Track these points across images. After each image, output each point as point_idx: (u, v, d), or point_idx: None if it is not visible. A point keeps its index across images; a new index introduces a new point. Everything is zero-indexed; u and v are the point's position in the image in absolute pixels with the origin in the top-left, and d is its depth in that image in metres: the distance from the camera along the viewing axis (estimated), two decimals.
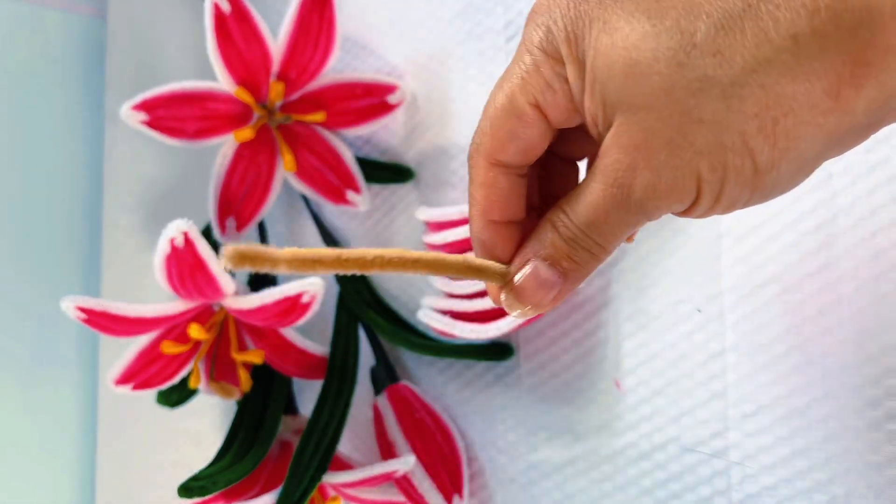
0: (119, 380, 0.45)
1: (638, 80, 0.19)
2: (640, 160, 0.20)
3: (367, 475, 0.41)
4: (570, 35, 0.21)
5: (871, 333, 0.32)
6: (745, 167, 0.19)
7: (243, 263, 0.20)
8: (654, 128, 0.20)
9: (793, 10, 0.18)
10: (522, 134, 0.23)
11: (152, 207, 0.65)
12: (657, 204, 0.20)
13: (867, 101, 0.18)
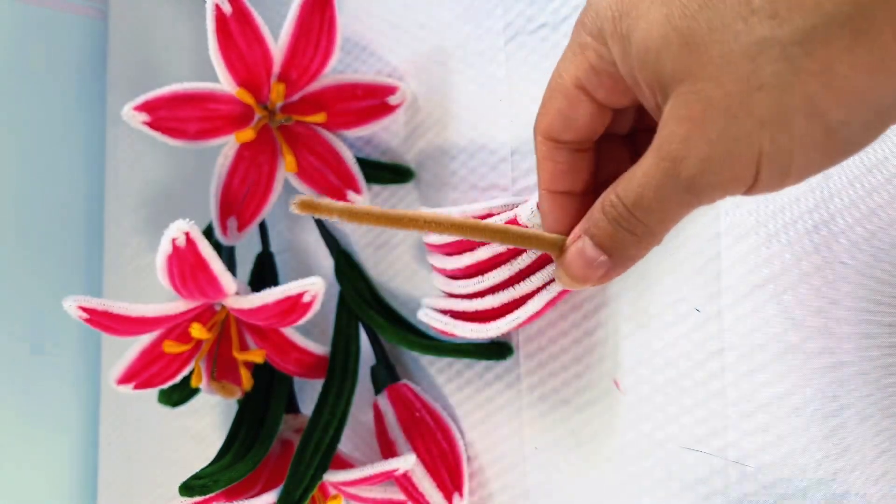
0: (121, 379, 0.46)
1: (694, 49, 0.19)
2: (695, 132, 0.19)
3: (367, 474, 0.41)
4: (615, 14, 0.20)
5: (869, 333, 0.32)
6: (814, 130, 0.18)
7: (307, 210, 0.22)
8: (711, 97, 0.19)
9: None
10: (570, 113, 0.23)
11: (154, 207, 0.66)
12: (710, 180, 0.19)
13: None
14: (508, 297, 0.38)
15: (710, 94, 0.19)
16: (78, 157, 0.70)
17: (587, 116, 0.23)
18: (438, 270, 0.42)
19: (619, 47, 0.21)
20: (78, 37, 0.71)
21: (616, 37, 0.21)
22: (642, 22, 0.20)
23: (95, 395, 0.69)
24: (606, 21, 0.21)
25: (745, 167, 0.19)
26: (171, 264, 0.39)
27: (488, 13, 0.44)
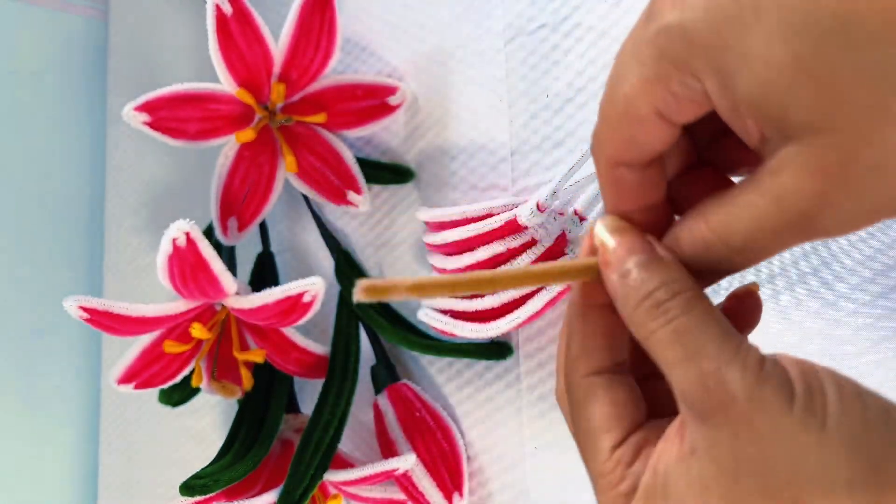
0: (121, 379, 0.46)
1: (836, 98, 0.17)
2: (833, 188, 0.17)
3: (367, 473, 0.41)
4: (710, 46, 0.18)
5: (868, 332, 0.32)
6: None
7: (373, 295, 0.20)
8: (854, 151, 0.17)
9: None
10: (643, 139, 0.21)
11: (154, 208, 0.66)
12: (845, 231, 0.18)
13: None
14: (508, 297, 0.38)
15: (852, 147, 0.17)
16: (78, 158, 0.70)
17: (663, 138, 0.21)
18: (438, 270, 0.42)
19: (717, 83, 0.18)
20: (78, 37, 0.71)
21: (712, 72, 0.18)
22: (755, 62, 0.17)
23: (95, 395, 0.69)
24: (698, 54, 0.18)
25: (877, 217, 0.18)
26: (171, 264, 0.39)
27: (488, 13, 0.44)
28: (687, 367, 0.19)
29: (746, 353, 0.19)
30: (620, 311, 0.21)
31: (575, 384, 0.23)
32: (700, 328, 0.19)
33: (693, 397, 0.19)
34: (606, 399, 0.22)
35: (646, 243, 0.22)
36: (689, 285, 0.20)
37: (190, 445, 0.61)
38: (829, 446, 0.17)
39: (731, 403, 0.18)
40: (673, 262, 0.21)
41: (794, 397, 0.18)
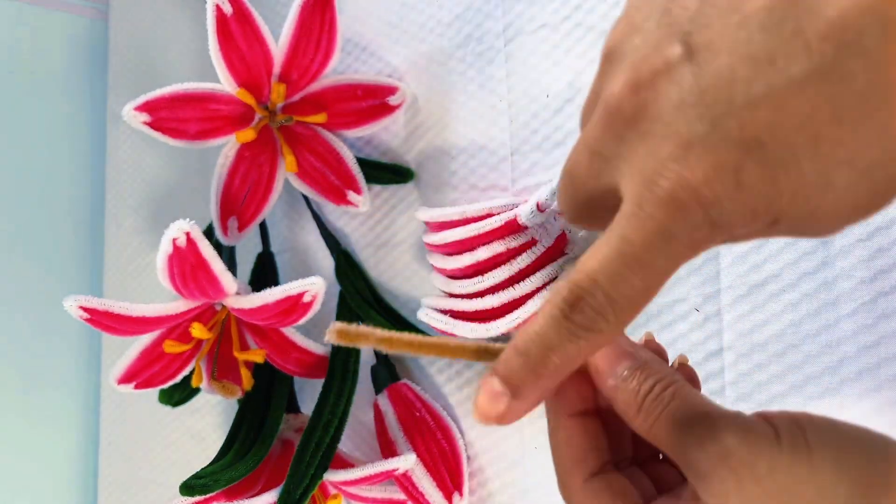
0: (121, 379, 0.46)
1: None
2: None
3: (367, 473, 0.41)
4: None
5: (869, 331, 0.32)
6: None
7: (343, 340, 0.22)
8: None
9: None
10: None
11: (154, 208, 0.66)
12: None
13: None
14: (508, 297, 0.38)
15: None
16: (79, 158, 0.70)
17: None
18: (438, 270, 0.42)
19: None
20: (78, 37, 0.71)
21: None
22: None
23: (96, 395, 0.69)
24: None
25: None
26: (171, 264, 0.39)
27: (488, 14, 0.44)
28: (687, 437, 0.21)
29: (734, 415, 0.21)
30: (621, 411, 0.23)
31: (577, 493, 0.24)
32: (691, 406, 0.22)
33: (696, 461, 0.21)
34: (610, 497, 0.24)
35: (625, 348, 0.23)
36: (673, 377, 0.23)
37: (190, 445, 0.61)
38: (819, 472, 0.19)
39: (730, 455, 0.20)
40: (654, 360, 0.23)
41: (780, 437, 0.20)
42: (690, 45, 0.17)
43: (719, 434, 0.20)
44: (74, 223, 0.70)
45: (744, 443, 0.20)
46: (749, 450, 0.20)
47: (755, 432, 0.20)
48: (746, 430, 0.20)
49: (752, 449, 0.20)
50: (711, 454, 0.20)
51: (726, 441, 0.20)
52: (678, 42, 0.18)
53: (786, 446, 0.20)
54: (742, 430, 0.20)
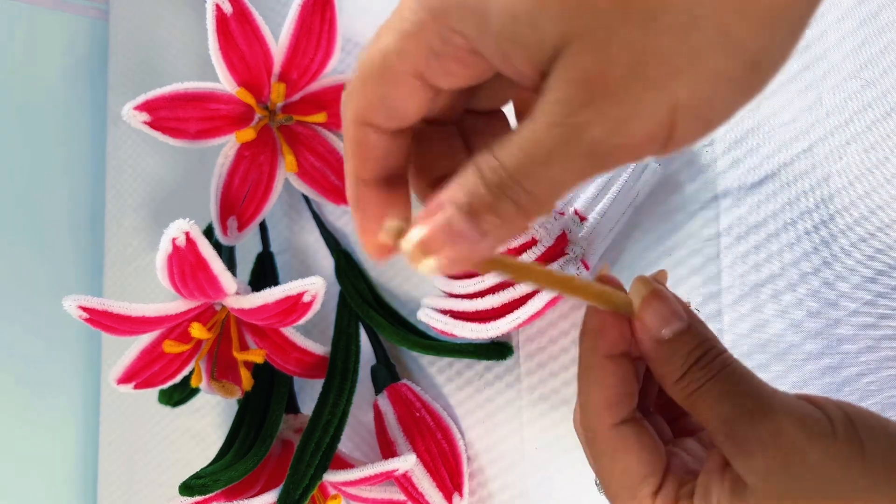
0: (121, 379, 0.46)
1: (582, 4, 0.16)
2: (597, 93, 0.16)
3: (367, 474, 0.41)
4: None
5: (869, 332, 0.32)
6: (733, 66, 0.16)
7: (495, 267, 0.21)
8: (611, 54, 0.16)
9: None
10: (397, 100, 0.20)
11: (154, 207, 0.66)
12: (618, 143, 0.17)
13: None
14: (508, 297, 0.38)
15: (608, 50, 0.16)
16: (78, 157, 0.70)
17: (418, 103, 0.20)
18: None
19: (473, 22, 0.17)
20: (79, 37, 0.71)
21: (467, 11, 0.17)
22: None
23: (95, 395, 0.69)
24: (453, 0, 0.18)
25: (660, 124, 0.17)
26: (171, 264, 0.39)
27: None
28: (734, 410, 0.20)
29: (787, 396, 0.21)
30: (658, 371, 0.22)
31: (602, 435, 0.24)
32: (741, 379, 0.21)
33: (742, 435, 0.20)
34: (639, 447, 0.23)
35: (677, 308, 0.23)
36: (721, 346, 0.22)
37: (190, 445, 0.61)
38: (872, 470, 0.19)
39: (783, 435, 0.20)
40: (702, 326, 0.22)
41: (835, 428, 0.20)
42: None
43: (773, 413, 0.20)
44: (74, 223, 0.70)
45: (800, 427, 0.20)
46: (804, 434, 0.19)
47: (812, 417, 0.20)
48: (803, 414, 0.20)
49: (807, 434, 0.19)
50: (762, 431, 0.20)
51: (781, 421, 0.20)
52: None
53: (841, 439, 0.19)
54: (798, 414, 0.20)
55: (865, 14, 0.32)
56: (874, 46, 0.32)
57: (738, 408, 0.20)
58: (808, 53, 0.34)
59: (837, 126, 0.33)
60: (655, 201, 0.38)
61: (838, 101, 0.33)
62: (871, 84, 0.32)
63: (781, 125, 0.34)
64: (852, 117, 0.32)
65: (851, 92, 0.32)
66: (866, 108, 0.32)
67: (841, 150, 0.33)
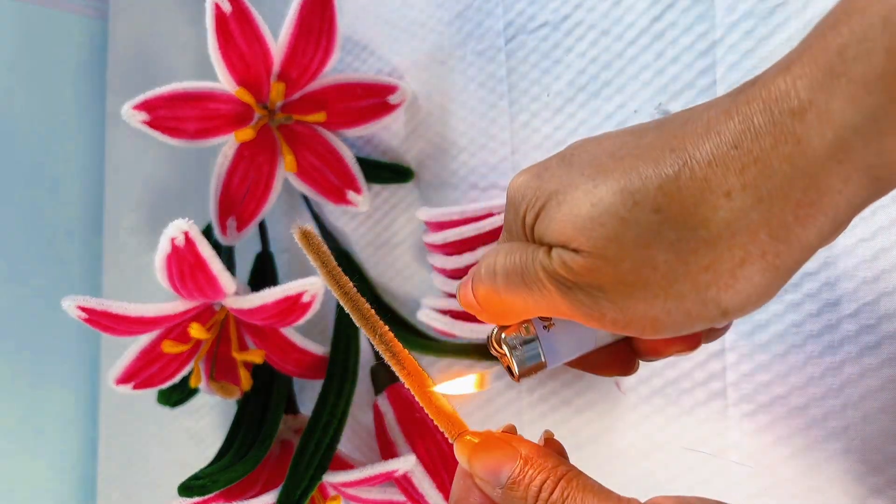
0: (120, 379, 0.46)
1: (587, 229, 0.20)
2: (603, 295, 0.21)
3: (367, 474, 0.41)
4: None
5: (871, 332, 0.32)
6: (709, 312, 0.20)
7: (304, 241, 0.23)
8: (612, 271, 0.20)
9: (723, 166, 0.19)
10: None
11: (153, 207, 0.66)
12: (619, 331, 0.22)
13: (819, 232, 0.19)
14: None
15: (611, 268, 0.21)
16: (77, 156, 0.70)
17: None
18: (438, 270, 0.42)
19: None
20: (78, 37, 0.71)
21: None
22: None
23: (95, 395, 0.69)
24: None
25: (647, 329, 0.21)
26: (170, 264, 0.39)
27: (488, 12, 0.44)
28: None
29: (628, 501, 0.22)
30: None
31: None
32: (584, 499, 0.22)
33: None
34: None
35: (506, 452, 0.24)
36: (560, 469, 0.23)
37: (189, 446, 0.60)
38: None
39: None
40: (533, 454, 0.23)
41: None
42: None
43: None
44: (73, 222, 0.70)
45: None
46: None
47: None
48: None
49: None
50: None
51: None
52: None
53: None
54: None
55: None
56: None
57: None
58: None
59: None
60: None
61: None
62: None
63: None
64: None
65: None
66: None
67: None
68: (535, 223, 0.22)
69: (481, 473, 0.23)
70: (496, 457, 0.23)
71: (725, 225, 0.19)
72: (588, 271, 0.21)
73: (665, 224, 0.20)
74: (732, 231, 0.19)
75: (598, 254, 0.20)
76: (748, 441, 0.34)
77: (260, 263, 0.52)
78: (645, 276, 0.20)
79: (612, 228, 0.20)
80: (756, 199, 0.19)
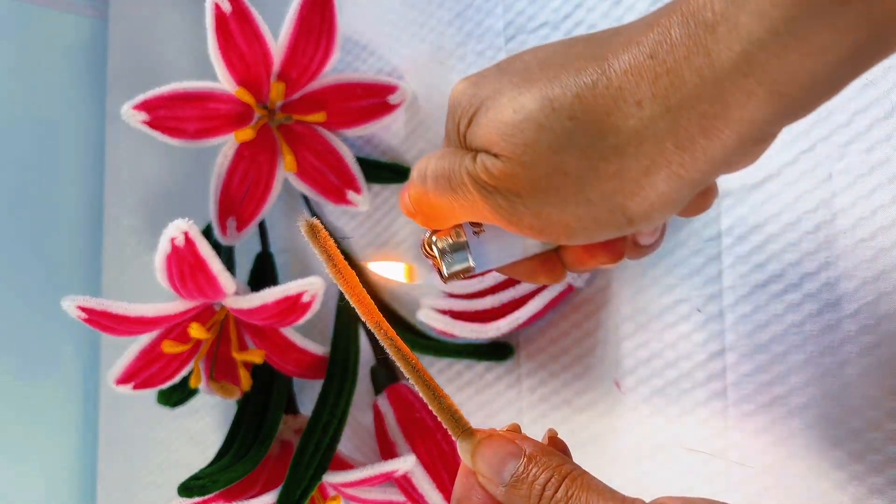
0: (120, 379, 0.46)
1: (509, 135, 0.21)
2: (520, 200, 0.22)
3: (367, 475, 0.41)
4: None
5: (871, 332, 0.32)
6: (616, 219, 0.21)
7: (310, 234, 0.23)
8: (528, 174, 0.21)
9: (637, 76, 0.19)
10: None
11: (153, 207, 0.66)
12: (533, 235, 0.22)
13: (724, 146, 0.19)
14: (508, 297, 0.38)
15: (526, 172, 0.22)
16: (77, 157, 0.70)
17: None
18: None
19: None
20: (78, 36, 0.71)
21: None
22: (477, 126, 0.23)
23: (95, 395, 0.69)
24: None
25: (558, 236, 0.23)
26: (170, 264, 0.39)
27: (489, 12, 0.44)
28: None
29: (632, 501, 0.22)
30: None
31: None
32: (588, 498, 0.22)
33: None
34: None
35: (510, 449, 0.23)
36: (564, 468, 0.23)
37: (188, 446, 0.60)
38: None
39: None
40: (537, 452, 0.23)
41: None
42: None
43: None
44: (72, 222, 0.70)
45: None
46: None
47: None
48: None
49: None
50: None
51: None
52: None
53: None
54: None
55: None
56: None
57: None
58: None
59: (839, 125, 0.33)
60: None
61: (839, 101, 0.33)
62: (872, 83, 0.32)
63: None
64: (854, 117, 0.32)
65: (853, 91, 0.32)
66: (868, 108, 0.32)
67: (842, 150, 0.33)
68: (468, 130, 0.23)
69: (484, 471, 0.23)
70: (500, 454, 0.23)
71: (634, 133, 0.20)
72: (506, 176, 0.21)
73: (578, 131, 0.20)
74: (640, 139, 0.20)
75: (516, 159, 0.21)
76: (748, 441, 0.34)
77: (260, 263, 0.52)
78: (557, 182, 0.21)
79: (529, 134, 0.21)
80: (664, 109, 0.19)
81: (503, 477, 0.23)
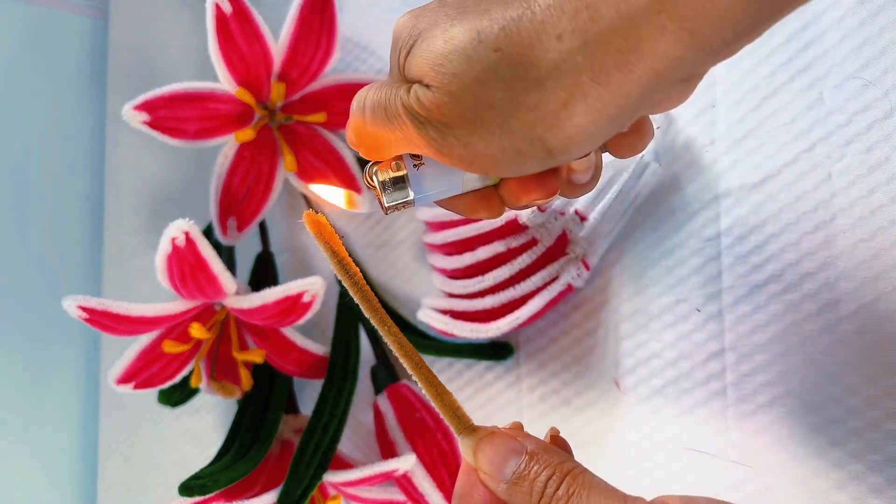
0: (120, 379, 0.46)
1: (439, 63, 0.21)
2: (450, 131, 0.22)
3: (367, 474, 0.41)
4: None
5: (870, 332, 0.32)
6: (536, 151, 0.21)
7: (314, 227, 0.24)
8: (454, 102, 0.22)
9: (559, 10, 0.20)
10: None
11: (154, 207, 0.66)
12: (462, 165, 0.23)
13: (639, 80, 0.20)
14: (508, 297, 0.38)
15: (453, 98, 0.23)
16: (78, 157, 0.70)
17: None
18: (438, 270, 0.42)
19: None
20: (78, 36, 0.71)
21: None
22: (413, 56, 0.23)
23: (95, 395, 0.69)
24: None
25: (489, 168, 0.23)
26: (170, 264, 0.39)
27: None
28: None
29: (634, 500, 0.22)
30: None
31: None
32: (590, 496, 0.22)
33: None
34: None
35: (512, 446, 0.23)
36: (566, 466, 0.23)
37: (189, 446, 0.60)
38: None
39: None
40: (539, 450, 0.23)
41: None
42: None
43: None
44: (73, 222, 0.70)
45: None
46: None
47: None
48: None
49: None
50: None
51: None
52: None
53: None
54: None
55: (866, 13, 0.32)
56: (875, 46, 0.32)
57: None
58: (808, 53, 0.34)
59: (838, 126, 0.33)
60: (656, 201, 0.38)
61: (839, 101, 0.33)
62: (871, 84, 0.32)
63: (782, 125, 0.34)
64: (853, 117, 0.32)
65: (852, 92, 0.32)
66: (867, 108, 0.32)
67: (842, 150, 0.33)
68: (405, 61, 0.23)
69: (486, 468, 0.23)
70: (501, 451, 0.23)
71: (554, 66, 0.20)
72: (436, 107, 0.22)
73: (502, 63, 0.21)
74: (559, 72, 0.20)
75: (445, 89, 0.21)
76: (748, 441, 0.34)
77: (260, 263, 0.52)
78: (483, 113, 0.21)
79: (458, 65, 0.21)
80: (582, 43, 0.20)
81: (505, 474, 0.23)
